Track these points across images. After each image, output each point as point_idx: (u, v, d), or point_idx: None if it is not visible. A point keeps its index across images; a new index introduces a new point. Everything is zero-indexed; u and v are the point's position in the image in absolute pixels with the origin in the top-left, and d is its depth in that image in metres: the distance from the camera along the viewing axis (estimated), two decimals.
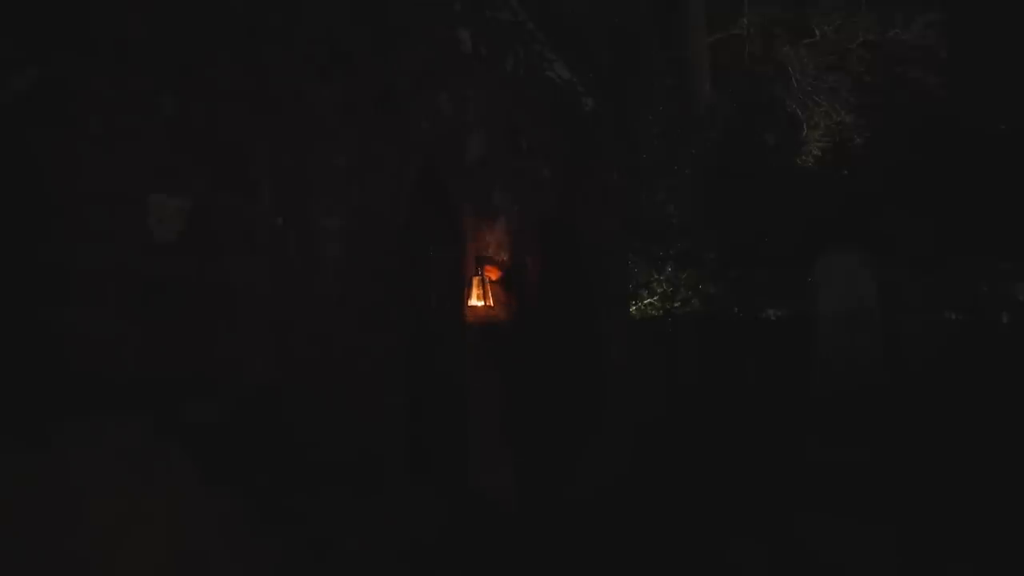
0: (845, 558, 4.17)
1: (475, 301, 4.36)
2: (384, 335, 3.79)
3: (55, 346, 2.37)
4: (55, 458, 2.29)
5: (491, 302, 4.34)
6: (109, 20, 2.57)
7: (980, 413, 6.77)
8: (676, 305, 9.82)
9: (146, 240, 2.64)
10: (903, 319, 8.36)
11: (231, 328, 2.93)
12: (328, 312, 3.41)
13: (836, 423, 6.90)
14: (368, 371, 3.64)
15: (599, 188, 6.55)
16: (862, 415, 6.93)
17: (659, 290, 9.80)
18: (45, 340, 2.36)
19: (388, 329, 3.82)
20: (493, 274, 4.64)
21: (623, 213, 7.39)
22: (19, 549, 2.17)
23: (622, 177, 7.82)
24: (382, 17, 3.89)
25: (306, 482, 3.18)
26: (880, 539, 4.39)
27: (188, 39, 2.82)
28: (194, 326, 2.78)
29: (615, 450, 5.50)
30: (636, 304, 9.57)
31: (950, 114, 11.19)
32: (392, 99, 3.92)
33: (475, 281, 4.41)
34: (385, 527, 3.60)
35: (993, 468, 5.48)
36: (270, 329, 3.09)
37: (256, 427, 2.92)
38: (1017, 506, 4.71)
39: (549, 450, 3.75)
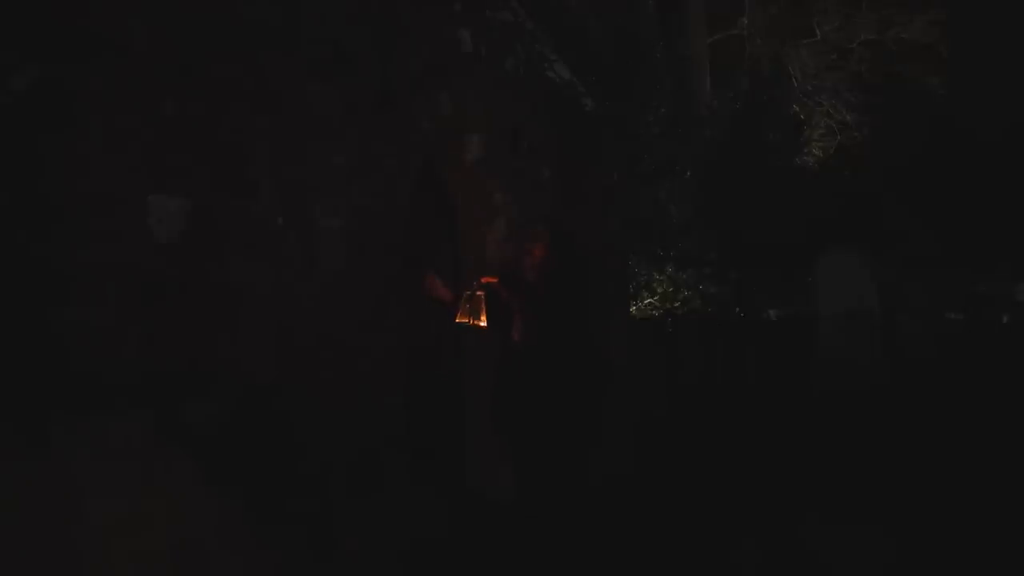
0: (845, 558, 4.17)
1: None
2: (384, 335, 3.79)
3: (55, 345, 2.37)
4: (55, 458, 2.29)
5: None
6: (109, 21, 2.58)
7: (980, 413, 6.77)
8: (676, 305, 9.82)
9: (146, 240, 2.65)
10: (903, 319, 8.37)
11: (231, 328, 2.93)
12: (328, 312, 3.41)
13: (836, 423, 6.90)
14: (368, 371, 3.64)
15: (599, 188, 6.55)
16: (862, 415, 6.93)
17: (659, 290, 9.80)
18: (45, 339, 2.36)
19: (388, 329, 3.82)
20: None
21: (623, 213, 7.38)
22: (19, 549, 2.17)
23: (622, 177, 7.82)
24: (382, 17, 3.89)
25: (306, 482, 3.18)
26: (880, 539, 4.39)
27: (188, 39, 2.82)
28: (194, 326, 2.78)
29: (619, 450, 5.50)
30: (636, 304, 9.57)
31: (950, 114, 11.20)
32: (392, 99, 3.92)
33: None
34: (385, 527, 3.60)
35: (994, 468, 5.48)
36: (270, 329, 3.10)
37: (256, 427, 2.92)
38: (1018, 506, 4.71)
39: (557, 451, 3.76)
